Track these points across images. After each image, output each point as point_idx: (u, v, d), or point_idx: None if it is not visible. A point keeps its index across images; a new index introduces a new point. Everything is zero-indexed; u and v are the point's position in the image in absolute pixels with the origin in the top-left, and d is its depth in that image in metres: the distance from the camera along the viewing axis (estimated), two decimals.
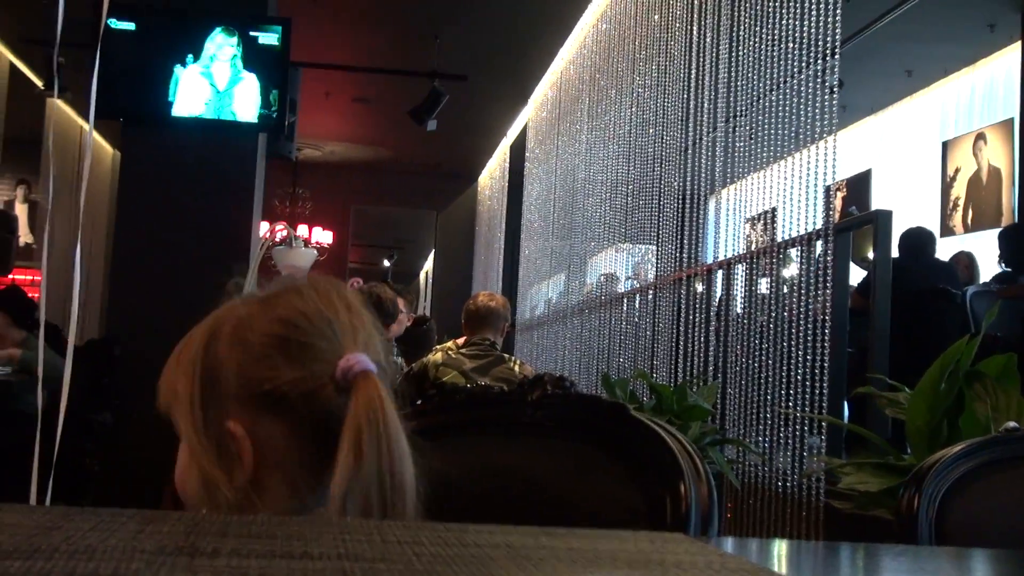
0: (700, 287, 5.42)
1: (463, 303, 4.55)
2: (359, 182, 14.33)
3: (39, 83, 9.74)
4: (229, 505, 1.07)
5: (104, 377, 5.91)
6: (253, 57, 6.10)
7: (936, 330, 5.15)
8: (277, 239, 5.08)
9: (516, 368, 4.19)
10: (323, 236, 14.40)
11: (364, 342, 1.10)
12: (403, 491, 1.03)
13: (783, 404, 4.11)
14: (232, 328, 1.13)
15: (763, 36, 4.74)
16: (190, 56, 6.07)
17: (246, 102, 6.07)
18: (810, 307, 3.96)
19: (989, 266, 6.86)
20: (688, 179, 5.79)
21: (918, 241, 6.09)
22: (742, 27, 4.99)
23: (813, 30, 4.32)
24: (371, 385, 1.05)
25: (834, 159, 4.13)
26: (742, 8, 4.98)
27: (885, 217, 3.81)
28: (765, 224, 5.23)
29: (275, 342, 1.09)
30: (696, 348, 5.22)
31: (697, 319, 5.29)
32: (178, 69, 6.06)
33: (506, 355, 4.28)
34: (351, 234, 15.45)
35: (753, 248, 5.06)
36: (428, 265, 19.52)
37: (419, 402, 1.37)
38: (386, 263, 22.65)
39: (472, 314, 4.30)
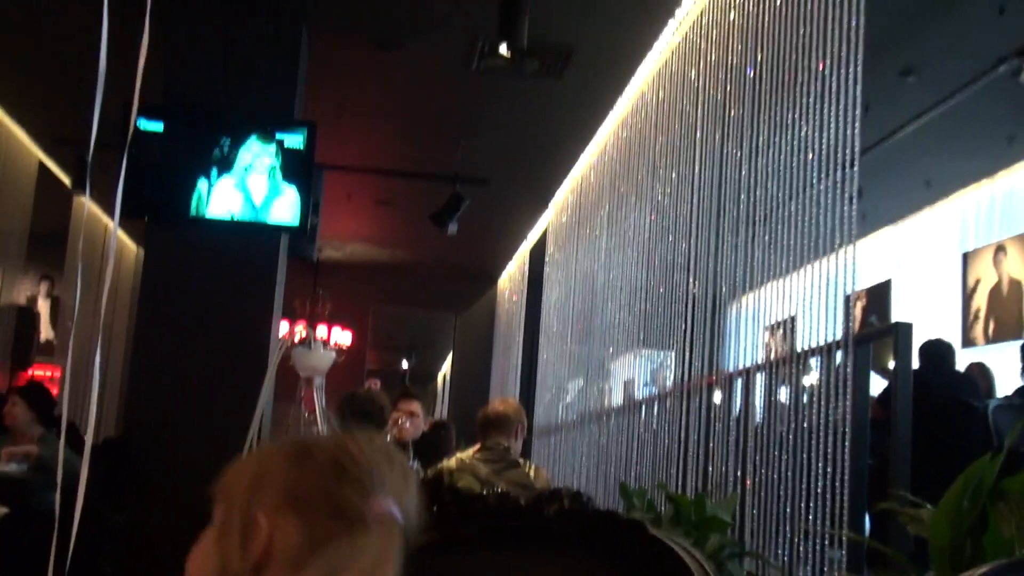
0: (719, 395, 5.38)
1: (480, 406, 4.55)
2: (379, 283, 14.42)
3: (67, 181, 9.90)
4: None
5: (119, 476, 5.89)
6: (286, 164, 6.19)
7: (958, 444, 5.09)
8: (296, 340, 5.11)
9: (531, 473, 4.18)
10: (342, 337, 14.45)
11: (398, 492, 1.27)
12: None
13: (803, 518, 4.04)
14: (297, 445, 1.32)
15: (782, 147, 4.78)
16: (215, 168, 6.17)
17: (282, 213, 6.16)
18: (830, 418, 3.93)
19: (1010, 378, 6.80)
20: (707, 286, 5.79)
21: (938, 352, 6.07)
22: (761, 137, 5.04)
23: (832, 141, 4.36)
24: (391, 533, 1.24)
25: (854, 269, 4.13)
26: (761, 119, 5.03)
27: (905, 329, 3.79)
28: (785, 332, 5.21)
29: (327, 462, 1.27)
30: (715, 457, 5.17)
31: (716, 428, 5.24)
32: (202, 183, 6.16)
33: (521, 459, 4.27)
34: (370, 335, 15.49)
35: (772, 356, 5.03)
36: (446, 367, 19.50)
37: (435, 508, 1.36)
38: (404, 365, 22.64)
39: (485, 420, 4.32)
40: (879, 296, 10.49)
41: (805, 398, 4.40)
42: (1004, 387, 6.93)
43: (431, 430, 5.82)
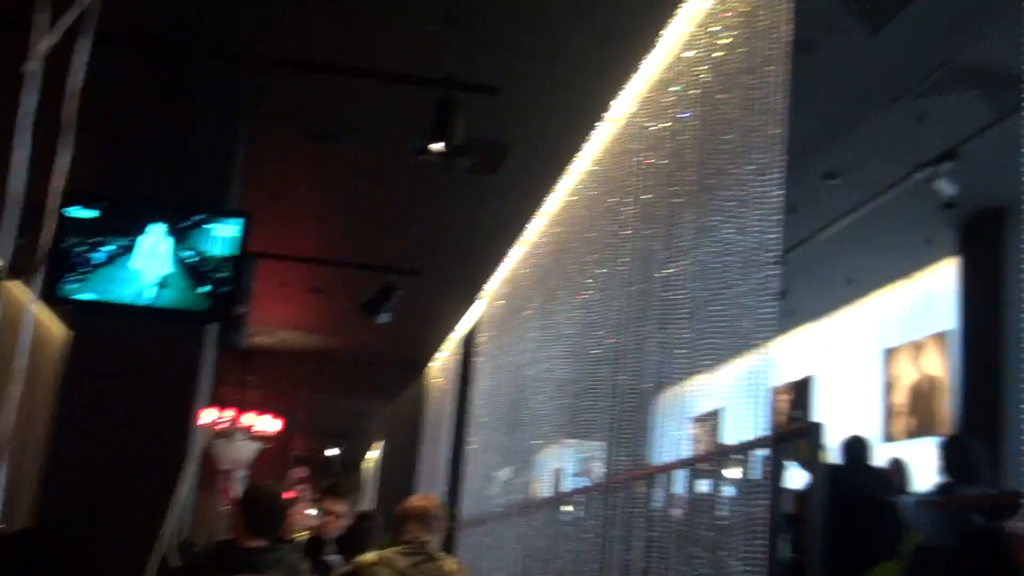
0: (642, 490, 5.42)
1: (408, 494, 4.56)
2: (310, 370, 14.35)
3: None
4: None
5: (34, 567, 5.77)
6: (210, 251, 6.21)
7: (874, 539, 5.19)
8: (219, 430, 5.09)
9: (449, 566, 4.20)
10: (271, 424, 14.30)
11: None
12: None
13: None
14: None
15: (706, 248, 4.90)
16: (145, 256, 6.18)
17: (200, 294, 6.16)
18: (747, 517, 3.98)
19: (929, 474, 6.92)
20: (634, 380, 5.86)
21: (855, 448, 6.21)
22: (686, 237, 5.16)
23: (754, 243, 4.47)
24: None
25: (773, 367, 4.22)
26: (687, 220, 5.16)
27: (817, 430, 3.88)
28: (709, 427, 5.29)
29: None
30: (636, 554, 5.18)
31: (638, 523, 5.27)
32: (132, 271, 6.16)
33: (438, 554, 4.28)
34: (299, 422, 15.35)
35: (695, 452, 5.10)
36: (375, 454, 19.34)
37: None
38: (333, 452, 22.39)
39: (405, 514, 4.34)
40: (804, 390, 10.67)
41: (727, 492, 4.46)
42: (924, 483, 7.04)
43: (355, 522, 5.77)
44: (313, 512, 5.23)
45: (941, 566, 4.55)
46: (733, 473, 4.47)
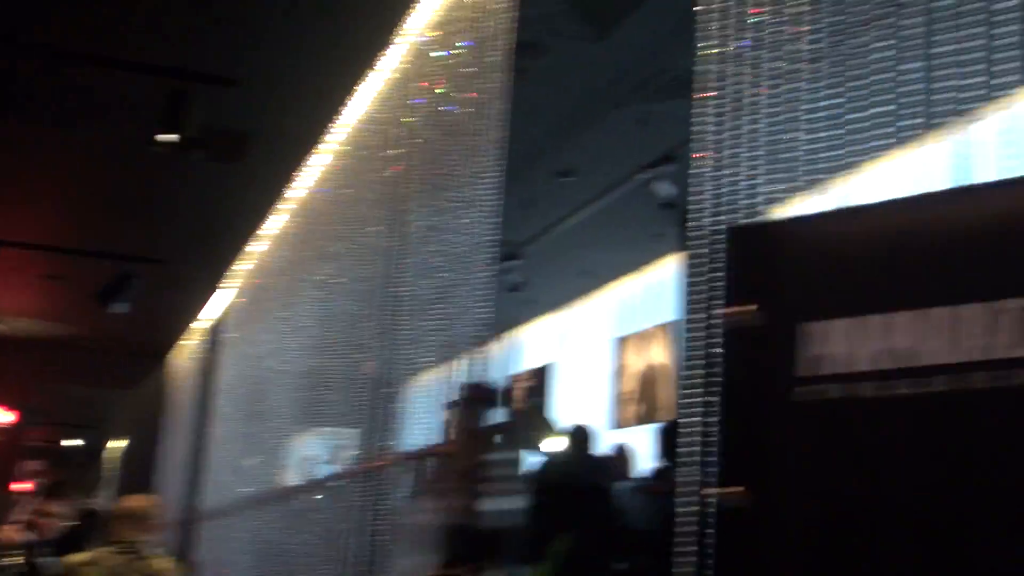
0: (371, 483, 5.53)
1: (150, 485, 4.55)
2: (46, 359, 13.77)
3: None
4: None
5: None
6: None
7: (588, 523, 5.47)
8: None
9: (160, 565, 4.26)
10: (3, 415, 13.66)
11: None
12: None
13: None
14: None
15: (432, 247, 5.05)
16: None
17: None
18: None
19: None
20: (379, 369, 5.93)
21: (578, 437, 6.51)
22: (413, 237, 5.30)
23: (474, 243, 4.64)
24: None
25: (513, 356, 4.41)
26: (415, 220, 5.30)
27: (525, 419, 4.11)
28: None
29: None
30: (361, 548, 5.28)
31: (366, 517, 5.37)
32: None
33: (151, 552, 4.33)
34: (35, 413, 14.72)
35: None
36: (117, 444, 18.76)
37: None
38: (73, 443, 21.48)
39: (118, 514, 4.36)
40: (543, 378, 11.03)
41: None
42: (645, 467, 7.43)
43: (80, 518, 5.66)
44: (24, 524, 5.11)
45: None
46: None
